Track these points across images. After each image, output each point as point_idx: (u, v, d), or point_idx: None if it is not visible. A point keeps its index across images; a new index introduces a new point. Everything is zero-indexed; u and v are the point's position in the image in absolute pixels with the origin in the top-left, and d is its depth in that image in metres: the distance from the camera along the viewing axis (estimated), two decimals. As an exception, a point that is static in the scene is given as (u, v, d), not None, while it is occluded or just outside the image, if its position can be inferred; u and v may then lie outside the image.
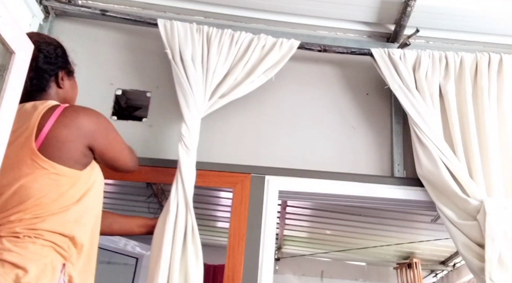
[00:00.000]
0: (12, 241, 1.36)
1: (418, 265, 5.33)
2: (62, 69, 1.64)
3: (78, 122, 1.48)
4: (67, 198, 1.44)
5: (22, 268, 1.32)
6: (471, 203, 1.90)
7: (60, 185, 1.43)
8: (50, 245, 1.40)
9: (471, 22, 2.33)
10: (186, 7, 2.37)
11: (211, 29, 2.15)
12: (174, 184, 1.84)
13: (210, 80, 2.04)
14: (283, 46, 2.16)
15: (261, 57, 2.13)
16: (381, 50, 2.21)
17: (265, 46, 2.15)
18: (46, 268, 1.37)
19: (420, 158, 2.05)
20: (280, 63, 2.14)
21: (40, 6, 2.23)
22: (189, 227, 1.78)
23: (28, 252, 1.35)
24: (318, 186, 2.13)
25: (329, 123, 2.29)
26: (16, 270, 1.31)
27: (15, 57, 1.29)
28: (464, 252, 1.92)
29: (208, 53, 2.09)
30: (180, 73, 2.01)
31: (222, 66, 2.08)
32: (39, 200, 1.40)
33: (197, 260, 1.75)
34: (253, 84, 2.10)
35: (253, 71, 2.09)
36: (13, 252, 1.34)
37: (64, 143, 1.44)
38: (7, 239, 1.36)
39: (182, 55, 2.05)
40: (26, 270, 1.32)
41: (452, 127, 2.07)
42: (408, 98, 2.10)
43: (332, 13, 2.35)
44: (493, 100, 2.11)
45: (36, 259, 1.36)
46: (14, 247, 1.35)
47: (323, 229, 4.85)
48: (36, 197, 1.40)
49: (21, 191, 1.40)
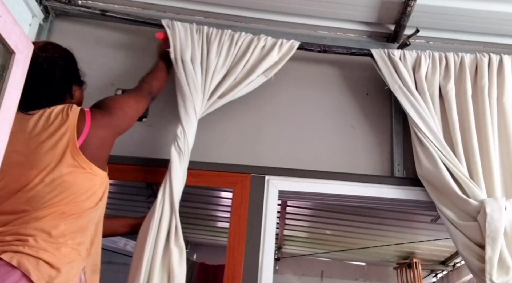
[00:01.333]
0: (47, 241, 1.39)
1: (418, 265, 5.33)
2: (75, 82, 1.72)
3: (111, 121, 1.65)
4: (95, 197, 1.54)
5: (56, 269, 1.36)
6: (471, 203, 1.90)
7: (94, 184, 1.53)
8: (76, 249, 1.45)
9: (471, 22, 2.33)
10: (186, 7, 2.38)
11: (211, 30, 2.15)
12: (163, 184, 1.84)
13: (210, 80, 2.04)
14: (283, 47, 2.16)
15: (260, 57, 2.13)
16: (381, 51, 2.21)
17: (265, 46, 2.15)
18: (73, 271, 1.42)
19: (420, 158, 2.05)
20: (279, 64, 2.14)
21: (40, 6, 2.23)
22: (172, 228, 1.78)
23: (60, 254, 1.40)
24: (318, 186, 2.13)
25: (329, 123, 2.29)
26: (50, 270, 1.35)
27: (15, 57, 1.29)
28: (464, 252, 1.92)
29: (208, 54, 2.09)
30: (180, 74, 2.01)
31: (222, 66, 2.08)
32: (78, 197, 1.48)
33: (181, 259, 1.75)
34: (252, 84, 2.10)
35: (253, 71, 2.09)
36: (49, 252, 1.37)
37: (102, 143, 1.58)
38: (41, 238, 1.39)
39: (182, 55, 2.05)
40: (60, 271, 1.36)
41: (452, 127, 2.07)
42: (408, 99, 2.10)
43: (332, 13, 2.35)
44: (493, 100, 2.11)
45: (66, 261, 1.40)
46: (49, 247, 1.39)
47: (323, 229, 4.85)
48: (77, 194, 1.48)
49: (62, 185, 1.47)
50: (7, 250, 1.33)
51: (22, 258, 1.32)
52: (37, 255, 1.35)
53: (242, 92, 2.09)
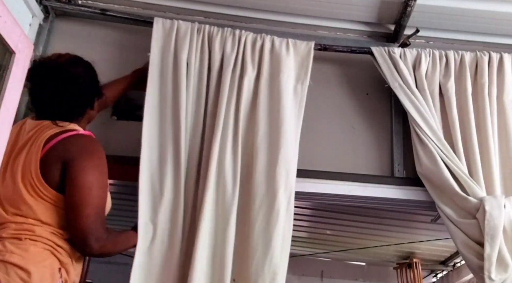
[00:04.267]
0: (14, 243, 1.38)
1: (418, 265, 5.32)
2: (97, 96, 1.75)
3: (70, 147, 1.53)
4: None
5: (25, 270, 1.34)
6: (471, 201, 1.91)
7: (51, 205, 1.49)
8: (49, 249, 1.42)
9: (471, 22, 2.33)
10: (186, 7, 2.37)
11: (212, 28, 2.14)
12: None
13: (209, 80, 2.04)
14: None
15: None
16: (381, 48, 2.22)
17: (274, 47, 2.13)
18: (46, 271, 1.39)
19: (420, 157, 2.05)
20: None
21: (40, 6, 2.23)
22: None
23: (29, 254, 1.37)
24: (318, 186, 2.13)
25: (329, 123, 2.29)
26: (19, 272, 1.33)
27: (15, 57, 1.29)
28: (464, 250, 1.92)
29: (210, 52, 2.08)
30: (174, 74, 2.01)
31: (236, 69, 2.06)
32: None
33: None
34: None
35: None
36: (15, 254, 1.35)
37: (49, 165, 1.49)
38: (9, 241, 1.38)
39: (179, 54, 2.04)
40: (29, 272, 1.34)
41: (452, 125, 2.07)
42: (408, 97, 2.10)
43: (332, 13, 2.35)
44: (493, 98, 2.12)
45: (38, 261, 1.38)
46: (16, 249, 1.37)
47: (323, 229, 4.84)
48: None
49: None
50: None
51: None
52: (4, 258, 1.34)
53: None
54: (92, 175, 1.51)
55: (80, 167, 1.49)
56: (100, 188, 1.53)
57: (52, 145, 1.50)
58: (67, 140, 1.53)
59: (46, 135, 1.52)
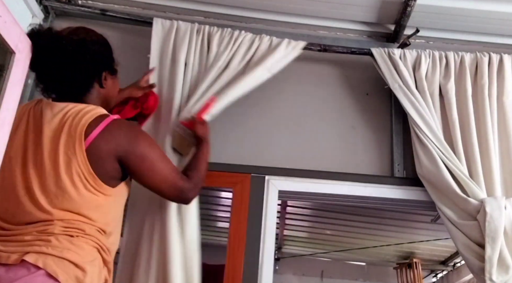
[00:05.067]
0: (68, 239, 1.35)
1: (418, 265, 5.32)
2: (106, 69, 1.61)
3: (118, 139, 1.47)
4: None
5: (82, 269, 1.32)
6: (471, 202, 1.90)
7: (99, 198, 1.45)
8: (97, 247, 1.41)
9: (471, 22, 2.33)
10: (186, 7, 2.38)
11: (212, 29, 2.14)
12: None
13: (209, 79, 2.04)
14: (290, 45, 2.14)
15: (267, 53, 2.10)
16: (381, 50, 2.22)
17: (272, 43, 2.14)
18: (95, 270, 1.37)
19: (420, 158, 2.05)
20: (284, 60, 2.11)
21: (40, 6, 2.23)
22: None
23: (84, 252, 1.36)
24: (318, 186, 2.13)
25: (329, 123, 2.29)
26: (75, 270, 1.30)
27: (15, 57, 1.29)
28: (464, 252, 1.92)
29: (208, 52, 2.09)
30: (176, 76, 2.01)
31: (222, 64, 2.07)
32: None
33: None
34: (255, 79, 2.05)
35: (257, 65, 2.06)
36: (72, 251, 1.33)
37: (100, 158, 1.44)
38: (62, 237, 1.34)
39: (177, 55, 2.05)
40: (85, 271, 1.32)
41: (452, 127, 2.07)
42: (408, 98, 2.10)
43: (332, 13, 2.35)
44: (493, 99, 2.11)
45: (90, 260, 1.36)
46: (72, 245, 1.34)
47: (323, 229, 4.84)
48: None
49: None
50: (29, 251, 1.29)
51: (47, 259, 1.28)
52: (62, 255, 1.30)
53: (243, 88, 2.03)
54: (150, 152, 1.53)
55: (139, 156, 1.50)
56: (159, 155, 1.57)
57: (96, 136, 1.43)
58: (108, 132, 1.45)
59: (83, 124, 1.43)
